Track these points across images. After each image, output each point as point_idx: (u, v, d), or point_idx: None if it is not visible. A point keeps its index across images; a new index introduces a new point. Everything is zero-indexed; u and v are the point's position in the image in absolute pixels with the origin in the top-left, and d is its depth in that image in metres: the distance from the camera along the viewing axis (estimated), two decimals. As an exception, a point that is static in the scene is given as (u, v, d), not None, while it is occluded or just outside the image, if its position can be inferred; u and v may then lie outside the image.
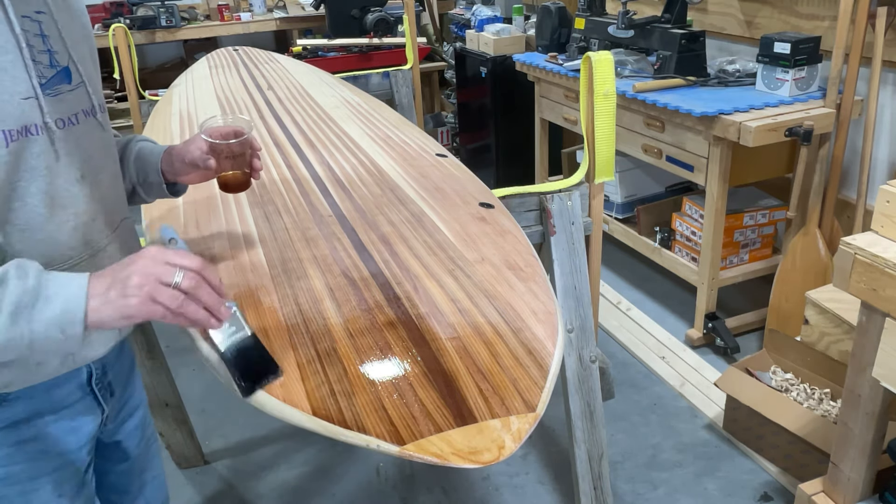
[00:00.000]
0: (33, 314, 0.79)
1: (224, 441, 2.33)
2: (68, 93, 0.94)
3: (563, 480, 2.08)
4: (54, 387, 0.99)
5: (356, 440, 0.83)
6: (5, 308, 0.78)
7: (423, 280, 1.12)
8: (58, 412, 1.01)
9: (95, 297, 0.82)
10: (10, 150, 0.84)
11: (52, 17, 0.93)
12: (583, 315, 1.68)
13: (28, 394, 0.96)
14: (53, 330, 0.80)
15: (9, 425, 0.96)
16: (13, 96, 0.85)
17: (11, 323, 0.78)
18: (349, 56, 3.83)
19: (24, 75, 0.86)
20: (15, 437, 0.97)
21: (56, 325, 0.80)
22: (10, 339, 0.79)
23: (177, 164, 1.13)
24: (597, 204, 1.73)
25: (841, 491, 1.66)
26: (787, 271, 2.47)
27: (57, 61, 0.92)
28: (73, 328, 0.81)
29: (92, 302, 0.82)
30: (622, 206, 3.06)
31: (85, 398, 1.05)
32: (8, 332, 0.78)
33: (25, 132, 0.86)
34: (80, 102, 0.96)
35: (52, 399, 0.99)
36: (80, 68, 0.97)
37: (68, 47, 0.95)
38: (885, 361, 1.44)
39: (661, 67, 2.63)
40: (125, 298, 0.82)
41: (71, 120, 0.93)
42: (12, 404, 0.95)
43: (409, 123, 2.07)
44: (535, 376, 0.93)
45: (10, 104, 0.84)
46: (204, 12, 4.41)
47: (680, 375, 2.49)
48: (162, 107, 2.37)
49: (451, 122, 4.59)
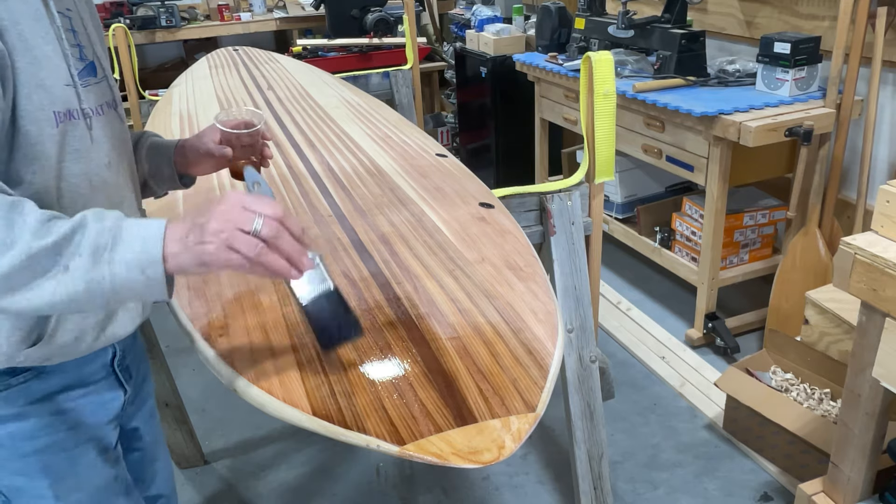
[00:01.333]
0: (113, 255, 0.79)
1: (224, 441, 2.33)
2: (94, 85, 0.98)
3: (563, 480, 2.08)
4: (84, 364, 1.03)
5: (356, 440, 0.83)
6: (85, 249, 0.79)
7: (423, 280, 1.12)
8: (87, 387, 1.05)
9: (174, 241, 0.81)
10: (59, 131, 0.89)
11: (78, 14, 0.98)
12: (583, 315, 1.68)
13: (61, 368, 1.00)
14: (134, 271, 0.80)
15: (44, 396, 1.00)
16: (57, 81, 0.89)
17: (93, 264, 0.79)
18: (349, 56, 3.83)
19: (64, 64, 0.91)
20: (53, 408, 1.01)
21: (137, 267, 0.80)
22: (92, 280, 0.79)
23: (191, 155, 1.18)
24: (597, 204, 1.73)
25: (841, 491, 1.66)
26: (787, 271, 2.47)
27: (85, 55, 0.97)
28: (153, 269, 0.80)
29: (170, 246, 0.81)
30: (622, 206, 3.06)
31: (109, 377, 1.09)
32: (89, 273, 0.78)
33: (70, 115, 0.91)
34: (104, 95, 1.01)
35: (81, 374, 1.04)
36: (102, 63, 1.02)
37: (92, 42, 1.00)
38: (885, 361, 1.44)
39: (661, 67, 2.63)
40: (202, 245, 0.81)
41: (98, 110, 0.97)
42: (48, 377, 1.00)
43: (409, 123, 2.07)
44: (535, 376, 0.93)
45: (56, 87, 0.89)
46: (204, 12, 4.41)
47: (680, 375, 2.49)
48: (162, 107, 2.37)
49: (451, 122, 4.59)
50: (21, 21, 0.85)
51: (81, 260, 0.78)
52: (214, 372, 0.97)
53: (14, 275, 0.77)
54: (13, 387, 0.97)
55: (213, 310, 1.07)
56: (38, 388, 0.99)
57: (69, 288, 0.79)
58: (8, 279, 0.77)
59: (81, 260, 0.78)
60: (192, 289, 1.14)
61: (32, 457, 1.01)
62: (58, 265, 0.78)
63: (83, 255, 0.79)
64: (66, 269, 0.78)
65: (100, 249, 0.79)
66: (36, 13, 0.88)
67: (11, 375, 0.97)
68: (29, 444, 1.01)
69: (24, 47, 0.85)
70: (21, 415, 0.99)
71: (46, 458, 1.02)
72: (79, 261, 0.78)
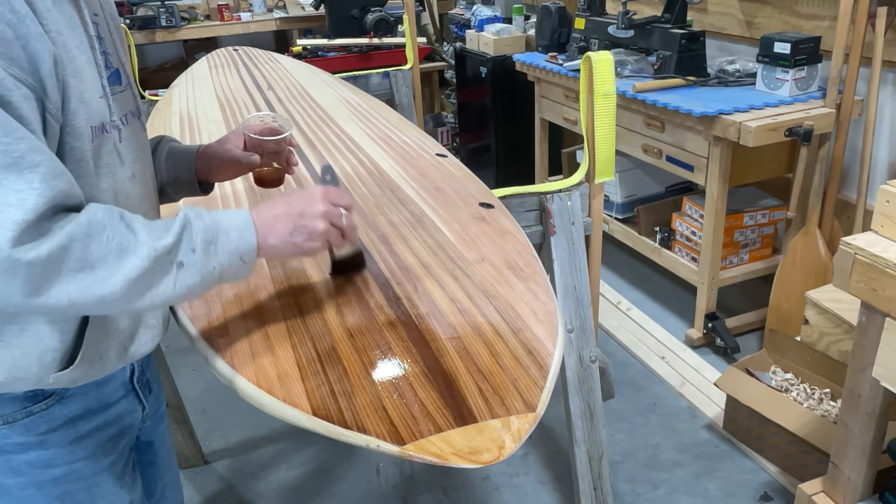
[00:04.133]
0: (218, 248, 0.87)
1: (224, 441, 2.33)
2: (120, 94, 0.96)
3: (563, 480, 2.08)
4: (103, 384, 1.02)
5: (356, 440, 0.83)
6: (199, 246, 0.85)
7: (423, 280, 1.12)
8: (107, 409, 1.04)
9: (270, 234, 0.92)
10: (94, 146, 0.88)
11: (104, 19, 0.95)
12: (583, 315, 1.68)
13: (82, 391, 0.99)
14: (235, 258, 0.89)
15: (66, 422, 0.99)
16: (94, 94, 0.87)
17: (205, 259, 0.86)
18: (349, 56, 3.83)
19: (97, 75, 0.89)
20: (74, 434, 1.00)
21: (237, 255, 0.89)
22: (206, 272, 0.87)
23: (214, 161, 1.17)
24: (597, 204, 1.73)
25: (841, 491, 1.66)
26: (787, 271, 2.47)
27: (111, 63, 0.95)
28: (249, 256, 0.90)
29: (268, 239, 0.92)
30: (622, 206, 3.06)
31: (128, 395, 1.08)
32: (204, 266, 0.86)
33: (103, 129, 0.89)
34: (128, 104, 0.98)
35: (101, 396, 1.03)
36: (126, 70, 0.99)
37: (117, 49, 0.98)
38: (885, 361, 1.44)
39: (661, 67, 2.63)
40: (306, 240, 0.94)
41: (124, 120, 0.96)
42: (69, 401, 0.98)
43: (409, 123, 2.07)
44: (535, 376, 0.93)
45: (93, 101, 0.87)
46: (204, 12, 4.41)
47: (680, 375, 2.49)
48: (162, 107, 2.37)
49: (451, 122, 4.59)
50: (63, 31, 0.82)
51: (195, 255, 0.85)
52: (214, 372, 0.97)
53: (143, 276, 0.81)
54: (35, 413, 0.95)
55: (213, 310, 1.07)
56: (60, 413, 0.98)
57: (187, 281, 0.85)
58: (138, 281, 0.81)
59: (195, 255, 0.85)
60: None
61: (50, 486, 1.00)
62: (174, 262, 0.84)
63: (197, 251, 0.85)
64: (181, 265, 0.84)
65: (208, 244, 0.86)
66: (71, 21, 0.84)
67: (34, 402, 0.95)
68: (47, 472, 0.99)
69: (68, 58, 0.82)
70: (42, 443, 0.97)
71: (64, 487, 1.01)
72: (193, 256, 0.85)
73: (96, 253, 0.77)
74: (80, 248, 0.76)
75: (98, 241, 0.77)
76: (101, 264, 0.77)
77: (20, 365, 0.89)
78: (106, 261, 0.78)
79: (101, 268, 0.77)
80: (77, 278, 0.76)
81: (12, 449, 0.96)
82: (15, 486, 0.99)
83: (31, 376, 0.90)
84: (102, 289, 0.78)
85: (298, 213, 0.93)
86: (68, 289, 0.76)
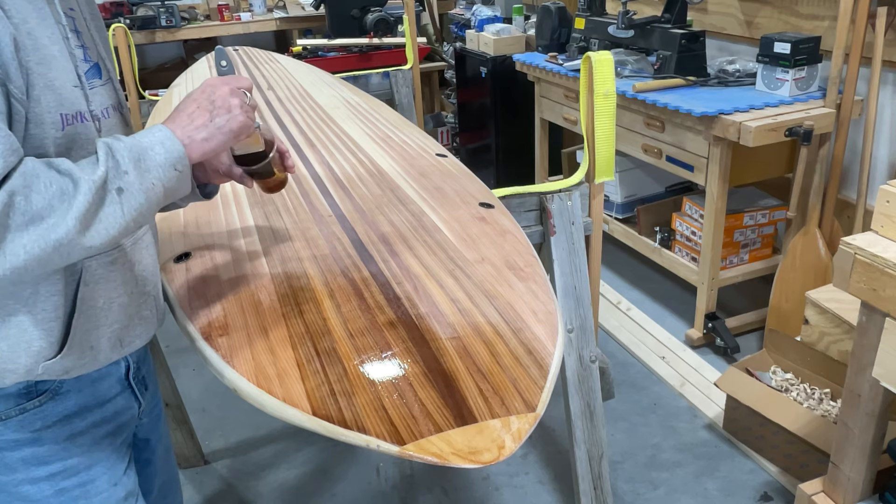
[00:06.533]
0: (148, 164, 0.87)
1: (224, 441, 2.33)
2: (100, 87, 0.97)
3: (563, 480, 2.08)
4: (98, 380, 1.03)
5: (356, 440, 0.83)
6: (129, 168, 0.84)
7: (423, 280, 1.12)
8: (102, 406, 1.05)
9: (189, 132, 0.91)
10: (66, 134, 0.88)
11: (81, 14, 0.97)
12: (583, 315, 1.68)
13: (76, 387, 1.00)
14: (169, 170, 0.88)
15: (62, 419, 0.99)
16: (66, 82, 0.88)
17: (140, 177, 0.85)
18: (349, 56, 3.83)
19: (70, 65, 0.90)
20: (69, 431, 1.01)
21: (169, 166, 0.88)
22: (148, 190, 0.86)
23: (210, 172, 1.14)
24: (597, 204, 1.73)
25: (841, 491, 1.66)
26: (787, 271, 2.47)
27: (89, 57, 0.96)
28: (182, 162, 0.90)
29: (193, 135, 0.91)
30: (622, 206, 3.06)
31: (124, 392, 1.09)
32: (142, 185, 0.85)
33: (79, 118, 0.90)
34: (109, 97, 1.00)
35: (96, 392, 1.03)
36: (107, 65, 1.01)
37: (96, 44, 0.99)
38: (885, 361, 1.44)
39: (661, 67, 2.63)
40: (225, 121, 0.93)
41: (105, 113, 0.97)
42: (64, 398, 0.99)
43: (409, 123, 2.07)
44: (535, 376, 0.93)
45: (65, 89, 0.88)
46: (204, 12, 4.41)
47: (680, 375, 2.49)
48: (162, 107, 2.37)
49: (451, 122, 4.59)
50: (29, 20, 0.84)
51: (130, 177, 0.84)
52: (214, 372, 0.97)
53: (90, 211, 0.80)
54: (28, 411, 0.96)
55: (213, 310, 1.07)
56: (55, 409, 0.98)
57: (133, 203, 0.85)
58: (87, 217, 0.80)
59: (130, 177, 0.84)
60: (192, 289, 1.14)
61: (45, 482, 1.00)
62: (114, 189, 0.83)
63: (129, 173, 0.84)
64: (120, 190, 0.83)
65: (137, 163, 0.85)
66: (41, 12, 0.86)
67: (27, 399, 0.95)
68: (42, 469, 1.00)
69: (34, 46, 0.84)
70: (36, 440, 0.98)
71: (59, 483, 1.01)
72: (128, 178, 0.84)
73: (39, 202, 0.77)
74: (22, 201, 0.76)
75: (37, 191, 0.77)
76: (47, 211, 0.78)
77: (7, 356, 0.90)
78: (51, 206, 0.78)
79: (48, 215, 0.78)
80: (29, 230, 0.77)
81: (6, 446, 0.97)
82: (10, 483, 0.99)
83: (19, 367, 0.91)
84: (55, 233, 0.78)
85: (209, 101, 0.94)
86: (22, 242, 0.76)
